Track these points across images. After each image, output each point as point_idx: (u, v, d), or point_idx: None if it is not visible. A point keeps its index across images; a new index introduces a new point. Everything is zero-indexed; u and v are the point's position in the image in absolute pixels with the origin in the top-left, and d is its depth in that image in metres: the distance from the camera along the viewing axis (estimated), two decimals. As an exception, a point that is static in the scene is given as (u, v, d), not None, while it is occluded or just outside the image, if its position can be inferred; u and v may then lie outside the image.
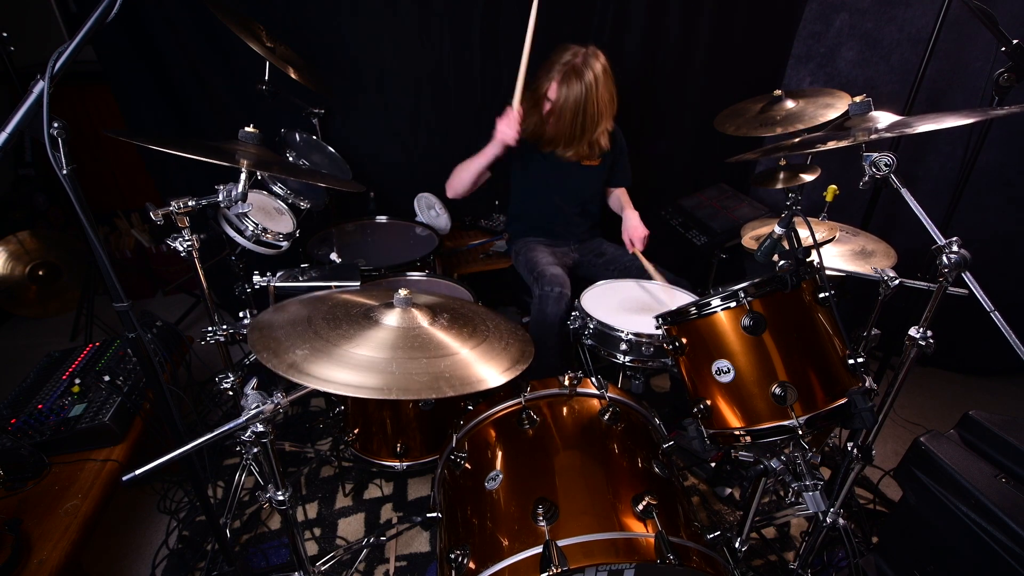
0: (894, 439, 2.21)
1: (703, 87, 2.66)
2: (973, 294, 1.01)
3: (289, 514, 1.15)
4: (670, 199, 2.64)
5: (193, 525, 1.81)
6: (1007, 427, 1.34)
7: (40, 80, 0.84)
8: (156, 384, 1.15)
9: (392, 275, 1.99)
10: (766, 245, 1.24)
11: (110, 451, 1.55)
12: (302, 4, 2.19)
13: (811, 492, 1.14)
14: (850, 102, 1.26)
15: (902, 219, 2.53)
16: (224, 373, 1.60)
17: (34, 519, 1.33)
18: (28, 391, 1.68)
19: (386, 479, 2.00)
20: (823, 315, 1.15)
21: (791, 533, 1.82)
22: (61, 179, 0.89)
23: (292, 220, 1.84)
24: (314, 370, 0.97)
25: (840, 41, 2.48)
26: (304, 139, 2.16)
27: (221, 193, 1.35)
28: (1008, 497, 1.21)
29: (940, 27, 1.84)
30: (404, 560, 1.70)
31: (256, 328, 1.11)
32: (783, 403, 1.09)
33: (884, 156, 1.06)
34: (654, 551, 1.03)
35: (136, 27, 2.11)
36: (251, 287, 1.62)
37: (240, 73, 2.22)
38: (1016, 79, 1.56)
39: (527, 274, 2.09)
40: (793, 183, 1.83)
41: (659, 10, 2.44)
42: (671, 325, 1.25)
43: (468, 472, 1.34)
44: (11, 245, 2.84)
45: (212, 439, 0.91)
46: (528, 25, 1.79)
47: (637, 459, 1.29)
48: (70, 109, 3.28)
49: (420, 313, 1.22)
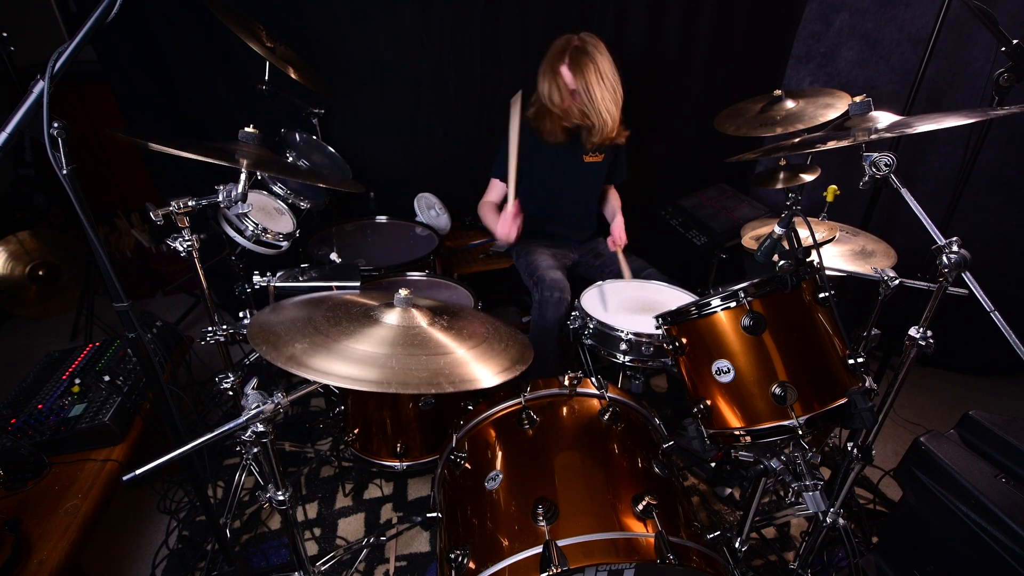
0: (894, 439, 2.21)
1: (703, 87, 2.66)
2: (973, 294, 1.01)
3: (289, 514, 1.15)
4: (670, 199, 2.64)
5: (193, 525, 1.81)
6: (1007, 427, 1.34)
7: (40, 80, 0.84)
8: (156, 384, 1.15)
9: (392, 275, 1.99)
10: (766, 245, 1.24)
11: (110, 451, 1.55)
12: (302, 4, 2.19)
13: (811, 492, 1.14)
14: (850, 102, 1.26)
15: (902, 219, 2.53)
16: (224, 373, 1.60)
17: (34, 519, 1.33)
18: (28, 391, 1.68)
19: (386, 479, 2.00)
20: (823, 315, 1.15)
21: (791, 533, 1.82)
22: (61, 179, 0.89)
23: (292, 220, 1.84)
24: (313, 363, 0.97)
25: (840, 41, 2.48)
26: (304, 139, 2.16)
27: (221, 193, 1.35)
28: (1008, 497, 1.21)
29: (940, 27, 1.84)
30: (404, 560, 1.70)
31: (256, 324, 1.11)
32: (783, 403, 1.09)
33: (884, 156, 1.06)
34: (654, 551, 1.03)
35: (136, 27, 2.11)
36: (251, 287, 1.62)
37: (240, 73, 2.22)
38: (1016, 79, 1.56)
39: (527, 277, 2.09)
40: (793, 183, 1.83)
41: (659, 10, 2.44)
42: (671, 325, 1.25)
43: (468, 472, 1.34)
44: (11, 245, 2.84)
45: (212, 439, 0.91)
46: (513, 124, 1.86)
47: (637, 459, 1.29)
48: (70, 109, 3.29)
49: (420, 314, 1.22)
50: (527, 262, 2.12)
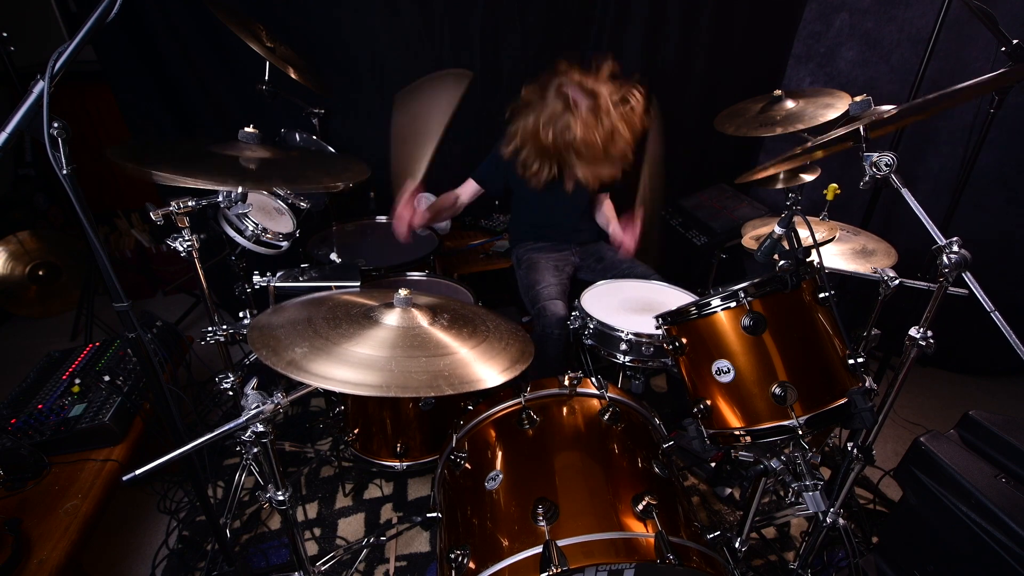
0: (894, 439, 2.21)
1: (703, 87, 2.66)
2: (973, 294, 1.01)
3: (289, 514, 1.15)
4: (670, 199, 2.64)
5: (193, 525, 1.81)
6: (1007, 427, 1.34)
7: (40, 80, 0.84)
8: (156, 384, 1.15)
9: (392, 275, 1.99)
10: (766, 245, 1.24)
11: (110, 451, 1.55)
12: (302, 4, 2.19)
13: (811, 492, 1.14)
14: (850, 102, 1.26)
15: (902, 219, 2.53)
16: (224, 373, 1.60)
17: (34, 519, 1.33)
18: (28, 391, 1.68)
19: (386, 479, 1.99)
20: (823, 315, 1.15)
21: (791, 533, 1.82)
22: (61, 179, 0.88)
23: (292, 220, 1.84)
24: (313, 367, 0.97)
25: (840, 41, 2.48)
26: (304, 139, 2.16)
27: (221, 193, 1.35)
28: (1008, 497, 1.21)
29: (940, 27, 1.84)
30: (404, 560, 1.70)
31: (256, 327, 1.11)
32: (783, 403, 1.09)
33: (884, 156, 1.06)
34: (654, 551, 1.03)
35: (136, 27, 2.12)
36: (251, 287, 1.63)
37: (240, 73, 2.22)
38: (1016, 79, 1.56)
39: (526, 296, 2.03)
40: (793, 183, 1.83)
41: (659, 10, 2.44)
42: (671, 325, 1.25)
43: (468, 472, 1.34)
44: (11, 245, 2.84)
45: (212, 439, 0.91)
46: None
47: (637, 459, 1.29)
48: (70, 109, 3.28)
49: (420, 313, 1.22)
50: (528, 281, 2.03)
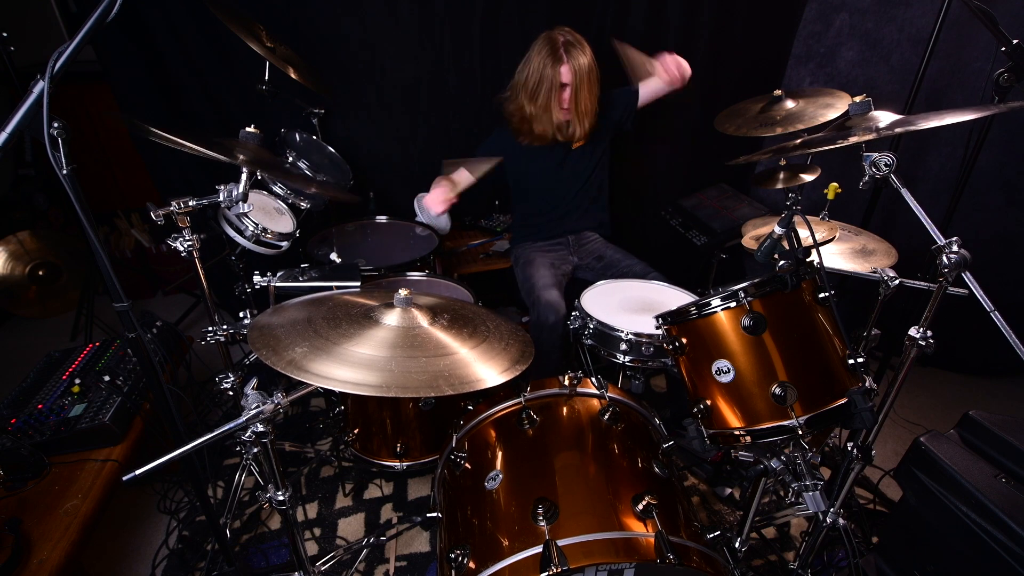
0: (894, 439, 2.21)
1: (703, 87, 2.65)
2: (973, 294, 1.01)
3: (289, 514, 1.15)
4: (670, 199, 2.64)
5: (193, 525, 1.81)
6: (1007, 427, 1.34)
7: (40, 80, 0.84)
8: (156, 384, 1.15)
9: (392, 275, 1.99)
10: (766, 245, 1.24)
11: (110, 451, 1.55)
12: (302, 4, 2.18)
13: (811, 492, 1.14)
14: (850, 102, 1.26)
15: (902, 219, 2.53)
16: (224, 373, 1.60)
17: (34, 519, 1.33)
18: (28, 391, 1.68)
19: (386, 479, 2.00)
20: (823, 315, 1.15)
21: (791, 533, 1.82)
22: (61, 179, 0.89)
23: (292, 220, 1.84)
24: (313, 367, 0.97)
25: (840, 41, 2.48)
26: (304, 139, 2.16)
27: (221, 193, 1.35)
28: (1008, 497, 1.21)
29: (940, 27, 1.84)
30: (404, 560, 1.70)
31: (256, 327, 1.11)
32: (783, 403, 1.09)
33: (884, 156, 1.06)
34: (654, 551, 1.03)
35: (136, 27, 2.11)
36: (251, 287, 1.62)
37: (240, 73, 2.22)
38: (1016, 79, 1.56)
39: (524, 293, 2.08)
40: (793, 183, 1.83)
41: (659, 10, 2.44)
42: (671, 325, 1.25)
43: (468, 472, 1.34)
44: (11, 245, 2.83)
45: (212, 439, 0.91)
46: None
47: (637, 459, 1.29)
48: (70, 109, 3.28)
49: (420, 313, 1.22)
50: (524, 276, 2.10)
